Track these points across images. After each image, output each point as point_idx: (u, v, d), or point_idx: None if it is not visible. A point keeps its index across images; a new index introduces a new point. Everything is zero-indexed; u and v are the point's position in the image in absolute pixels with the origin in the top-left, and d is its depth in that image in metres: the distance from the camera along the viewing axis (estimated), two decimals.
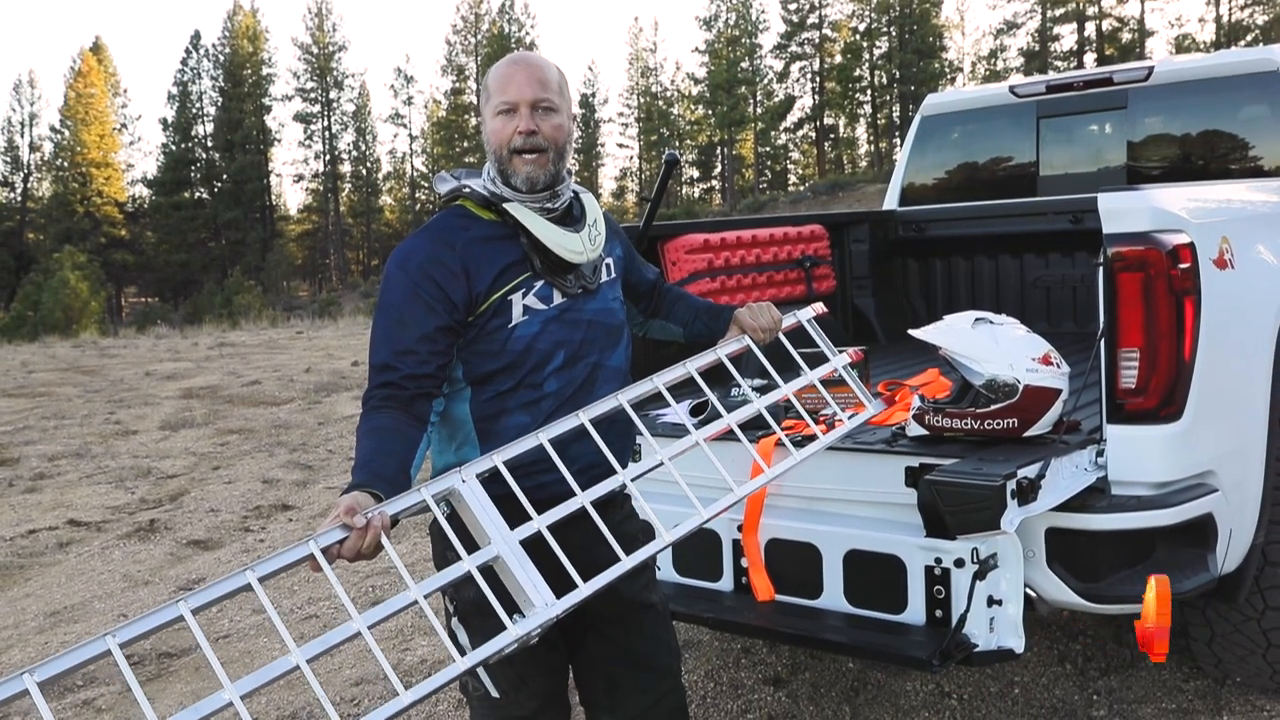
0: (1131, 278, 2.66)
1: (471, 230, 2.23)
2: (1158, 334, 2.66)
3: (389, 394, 2.10)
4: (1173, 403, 2.69)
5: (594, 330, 2.31)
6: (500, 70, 2.25)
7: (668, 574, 3.26)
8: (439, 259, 2.17)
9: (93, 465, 8.78)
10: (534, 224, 2.22)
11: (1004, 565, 2.63)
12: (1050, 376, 2.73)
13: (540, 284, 2.23)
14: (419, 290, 2.15)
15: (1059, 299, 5.09)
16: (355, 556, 1.83)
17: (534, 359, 2.21)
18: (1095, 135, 5.11)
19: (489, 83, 2.24)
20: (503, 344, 2.19)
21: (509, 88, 2.20)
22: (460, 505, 1.97)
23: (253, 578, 1.66)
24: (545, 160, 2.21)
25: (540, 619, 1.85)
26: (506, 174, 2.22)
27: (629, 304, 2.59)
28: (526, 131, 2.18)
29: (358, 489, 1.91)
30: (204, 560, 5.97)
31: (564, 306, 2.25)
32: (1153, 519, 2.69)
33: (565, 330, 2.25)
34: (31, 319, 36.58)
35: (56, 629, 5.00)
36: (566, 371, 2.25)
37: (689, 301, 2.75)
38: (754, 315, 2.64)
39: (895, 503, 2.83)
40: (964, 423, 2.77)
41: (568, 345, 2.25)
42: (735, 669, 4.00)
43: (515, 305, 2.20)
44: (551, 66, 2.27)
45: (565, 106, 2.26)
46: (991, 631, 2.64)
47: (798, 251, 4.77)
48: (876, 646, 2.74)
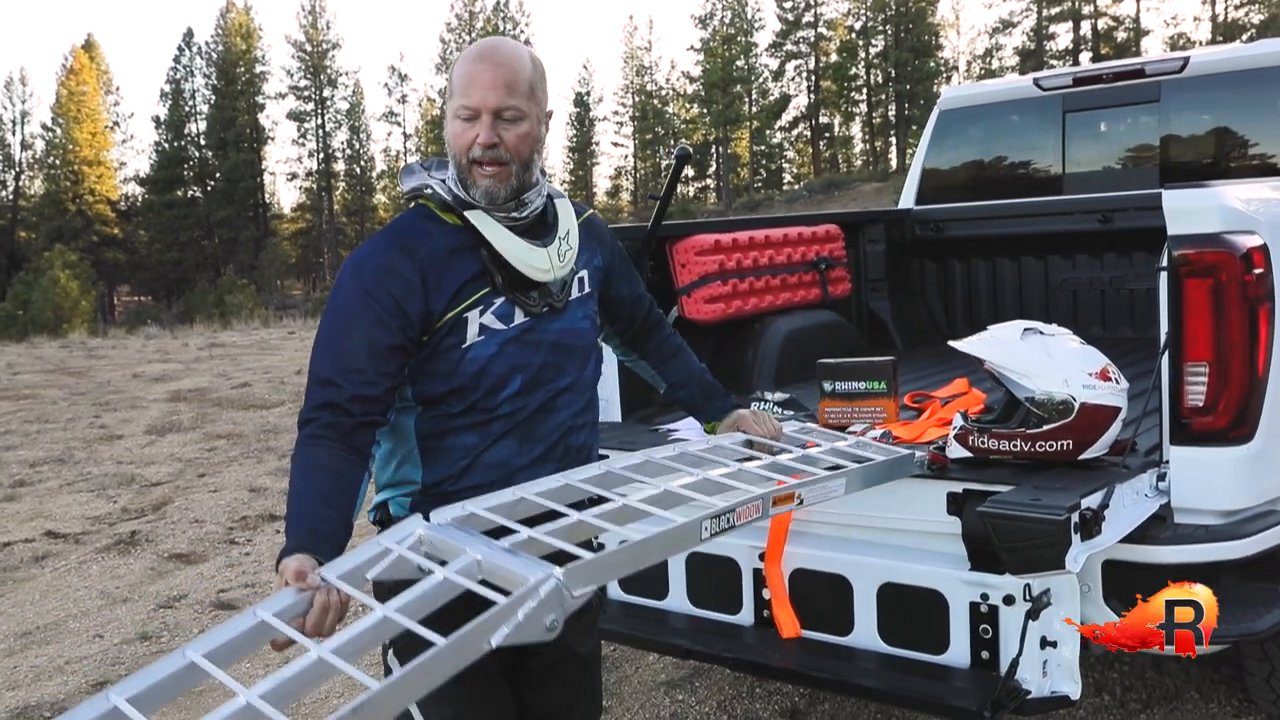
0: (1200, 284, 2.40)
1: (434, 237, 2.00)
2: (1229, 346, 2.41)
3: (330, 420, 1.85)
4: (1245, 422, 2.44)
5: (557, 353, 2.07)
6: (465, 67, 1.98)
7: (680, 605, 3.00)
8: (395, 268, 1.95)
9: (74, 472, 8.50)
10: (496, 236, 1.99)
11: (1058, 603, 2.37)
12: (1109, 394, 2.47)
13: (500, 301, 2.00)
14: (371, 300, 1.92)
15: (1086, 302, 4.83)
16: (319, 630, 1.55)
17: (488, 383, 1.99)
18: (1125, 130, 4.85)
19: (453, 77, 2.00)
20: (454, 365, 1.97)
21: (472, 90, 1.95)
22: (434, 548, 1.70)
23: (195, 656, 1.38)
24: (507, 174, 1.97)
25: (542, 591, 1.47)
26: (465, 183, 2.00)
27: (604, 324, 2.31)
28: (486, 144, 1.95)
29: (298, 552, 1.65)
30: (186, 575, 5.70)
31: (525, 326, 2.03)
32: (1221, 551, 2.45)
33: (525, 352, 2.02)
34: (21, 318, 36.25)
35: (27, 651, 4.73)
36: (523, 397, 2.02)
37: (686, 362, 2.48)
38: (759, 422, 2.39)
39: (936, 531, 2.57)
40: (1013, 444, 2.51)
41: (526, 369, 2.02)
42: (750, 700, 3.74)
43: (471, 324, 1.98)
44: (523, 60, 2.00)
45: (536, 110, 2.01)
46: (1045, 676, 2.39)
47: (812, 253, 4.51)
48: (918, 694, 2.48)
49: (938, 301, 5.23)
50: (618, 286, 2.31)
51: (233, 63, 61.90)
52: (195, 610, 5.08)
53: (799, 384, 3.78)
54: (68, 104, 58.10)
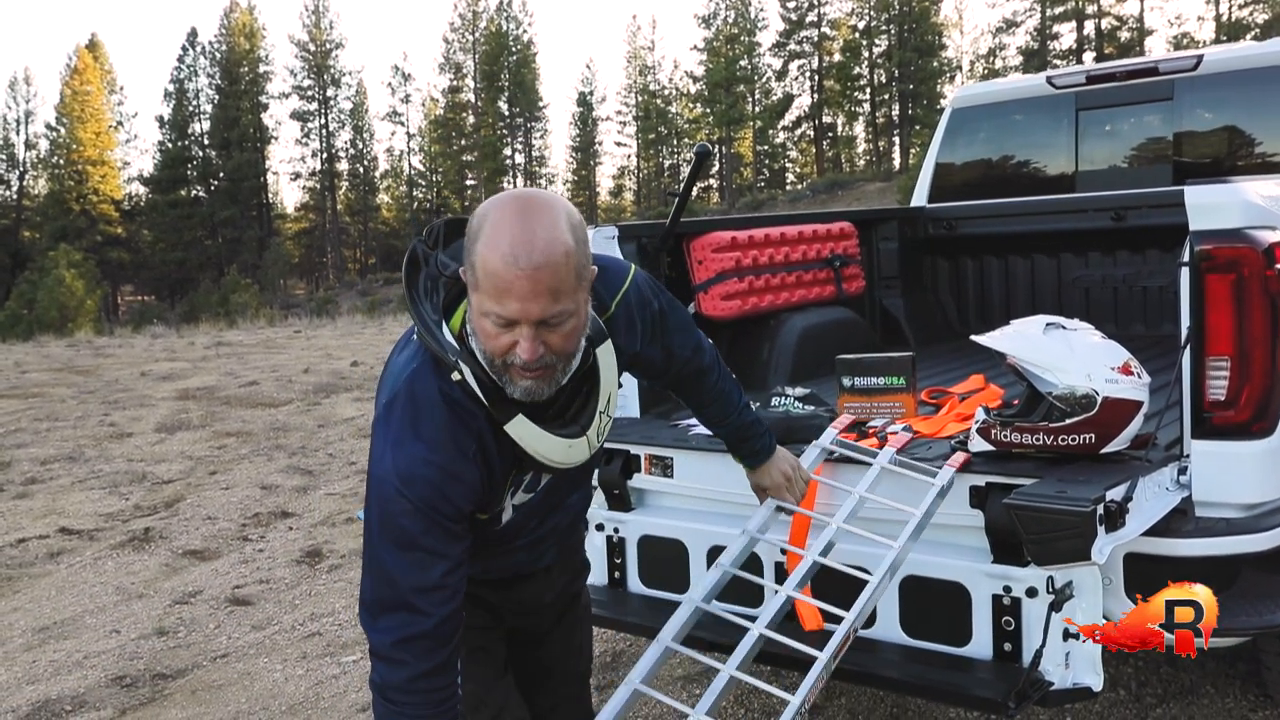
0: (1221, 279, 2.42)
1: (476, 425, 1.76)
2: (1251, 341, 2.42)
3: (424, 677, 1.74)
4: (1266, 416, 2.46)
5: (574, 478, 2.04)
6: (496, 267, 1.60)
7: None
8: (455, 473, 1.73)
9: (86, 469, 8.52)
10: (533, 442, 1.77)
11: (1081, 595, 2.39)
12: (1131, 388, 2.49)
13: (529, 477, 1.90)
14: (436, 514, 1.71)
15: (1099, 300, 4.85)
16: None
17: (508, 534, 1.99)
18: (1138, 128, 4.87)
19: (478, 267, 1.63)
20: (481, 533, 1.89)
21: (506, 301, 1.61)
22: None
23: None
24: (553, 374, 1.72)
25: None
26: (499, 379, 1.72)
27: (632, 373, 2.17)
28: (532, 359, 1.65)
29: None
30: (201, 571, 5.72)
31: (550, 485, 1.97)
32: (1242, 544, 2.46)
33: (547, 501, 2.00)
34: (26, 318, 36.25)
35: (45, 645, 4.75)
36: (537, 530, 2.04)
37: (724, 407, 2.34)
38: (790, 484, 2.48)
39: (957, 524, 2.59)
40: (1035, 438, 2.52)
41: (540, 510, 2.01)
42: (766, 694, 3.75)
43: (506, 510, 1.92)
44: (564, 246, 1.63)
45: (582, 295, 1.70)
46: (1067, 668, 2.41)
47: (826, 250, 4.53)
48: (941, 685, 2.50)
49: (950, 299, 5.24)
50: (645, 354, 2.07)
51: (236, 62, 61.96)
52: (211, 606, 5.10)
53: (814, 381, 3.80)
54: (72, 104, 58.17)
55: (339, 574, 5.49)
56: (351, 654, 4.36)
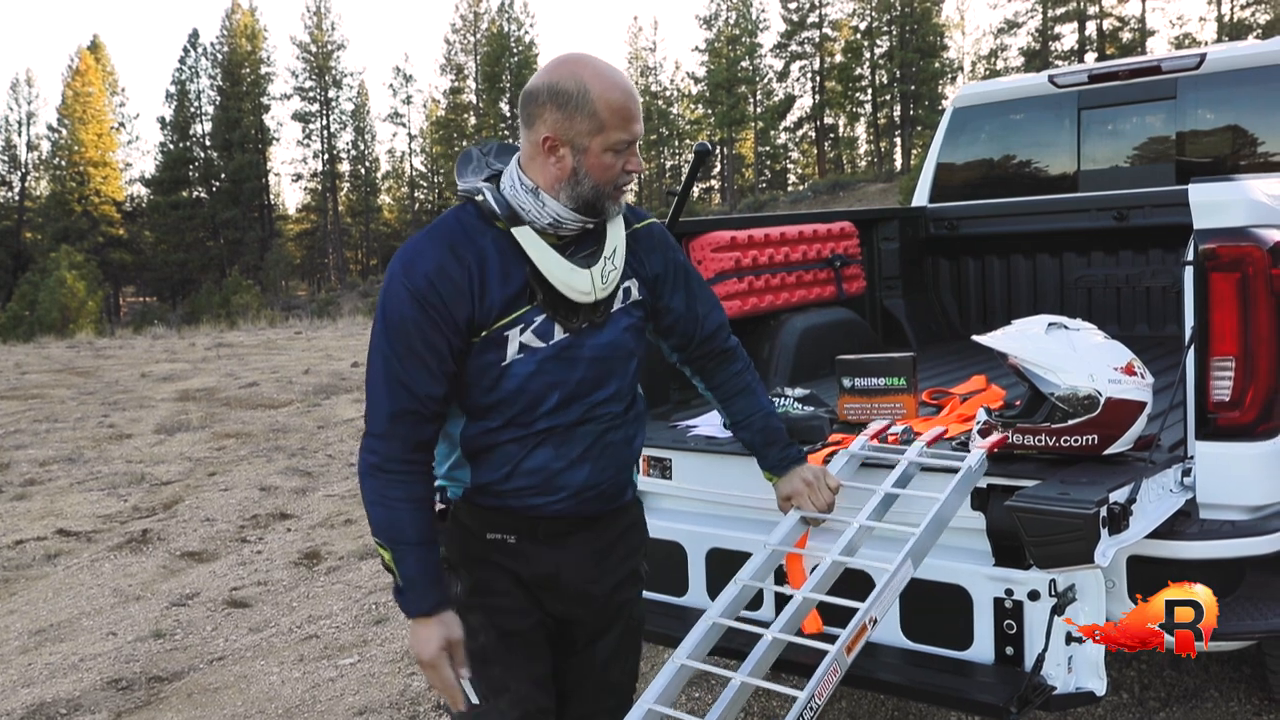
0: (1226, 278, 2.39)
1: (482, 241, 2.00)
2: (1256, 340, 2.39)
3: (413, 441, 1.98)
4: (1271, 417, 2.43)
5: (597, 367, 2.06)
6: (616, 99, 1.96)
7: (700, 600, 2.99)
8: (446, 272, 1.95)
9: (85, 471, 8.51)
10: (541, 256, 1.99)
11: (1084, 598, 2.36)
12: (1134, 388, 2.45)
13: (541, 319, 2.00)
14: (428, 305, 1.94)
15: (1101, 300, 4.82)
16: None
17: (525, 399, 2.01)
18: (1141, 127, 4.83)
19: (598, 108, 1.94)
20: (494, 381, 2.00)
21: (631, 124, 1.98)
22: None
23: None
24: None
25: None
26: (599, 208, 2.00)
27: (658, 337, 2.30)
28: (637, 170, 2.01)
29: (440, 615, 1.97)
30: (198, 573, 5.70)
31: (564, 344, 2.03)
32: (1247, 547, 2.43)
33: (562, 369, 2.02)
34: (28, 319, 36.24)
35: (41, 648, 4.73)
36: (560, 412, 2.03)
37: (751, 402, 2.40)
38: (814, 492, 2.41)
39: (959, 527, 2.55)
40: (1037, 439, 2.49)
41: (563, 386, 2.02)
42: (766, 697, 3.73)
43: (511, 342, 1.99)
44: None
45: None
46: (1070, 672, 2.38)
47: (827, 250, 4.50)
48: (943, 690, 2.46)
49: (951, 299, 5.21)
50: (668, 297, 2.23)
51: (238, 64, 61.93)
52: (208, 608, 5.08)
53: (814, 381, 3.77)
54: (73, 105, 58.16)
55: (337, 576, 5.46)
56: (349, 657, 4.33)
